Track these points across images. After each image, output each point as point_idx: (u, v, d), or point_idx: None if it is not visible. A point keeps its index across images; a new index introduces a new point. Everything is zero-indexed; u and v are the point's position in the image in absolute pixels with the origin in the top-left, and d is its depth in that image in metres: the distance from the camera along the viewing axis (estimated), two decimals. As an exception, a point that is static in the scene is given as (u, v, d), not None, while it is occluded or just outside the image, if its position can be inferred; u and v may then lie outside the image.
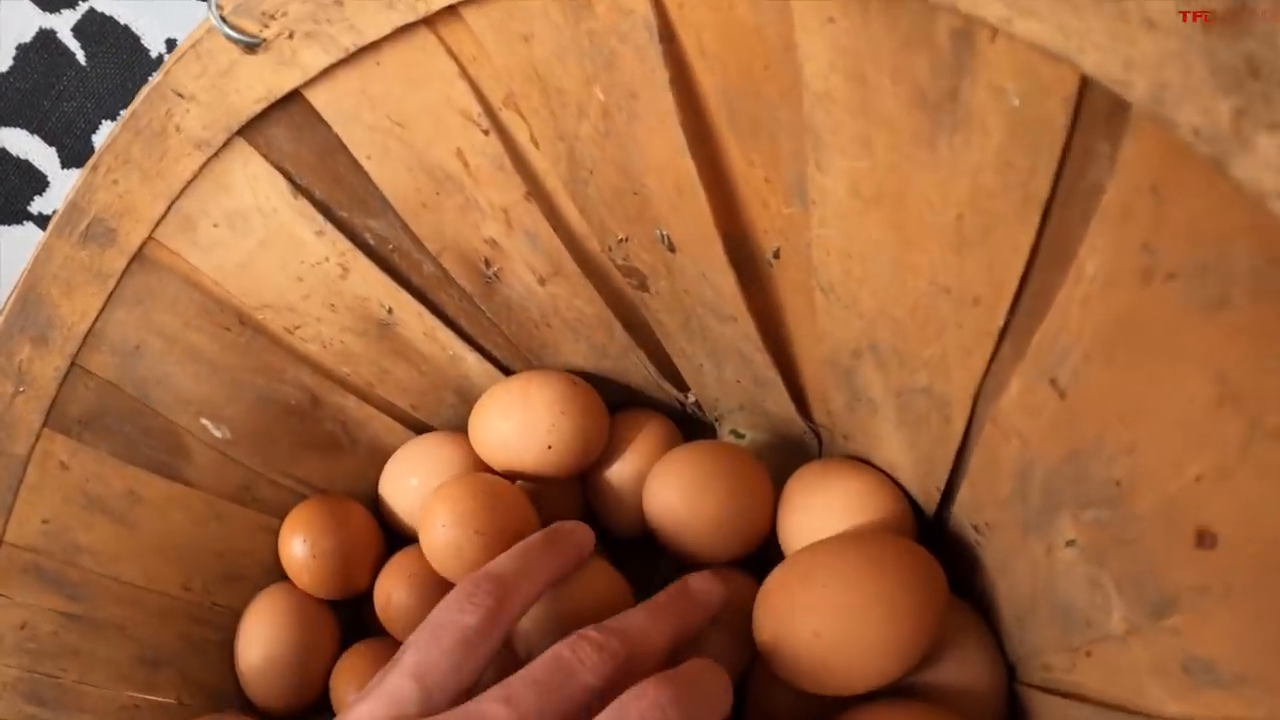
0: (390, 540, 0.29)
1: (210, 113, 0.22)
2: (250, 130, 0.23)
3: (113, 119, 0.30)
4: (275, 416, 0.27)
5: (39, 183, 0.31)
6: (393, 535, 0.29)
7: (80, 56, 0.29)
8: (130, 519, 0.26)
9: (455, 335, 0.27)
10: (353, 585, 0.27)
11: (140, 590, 0.27)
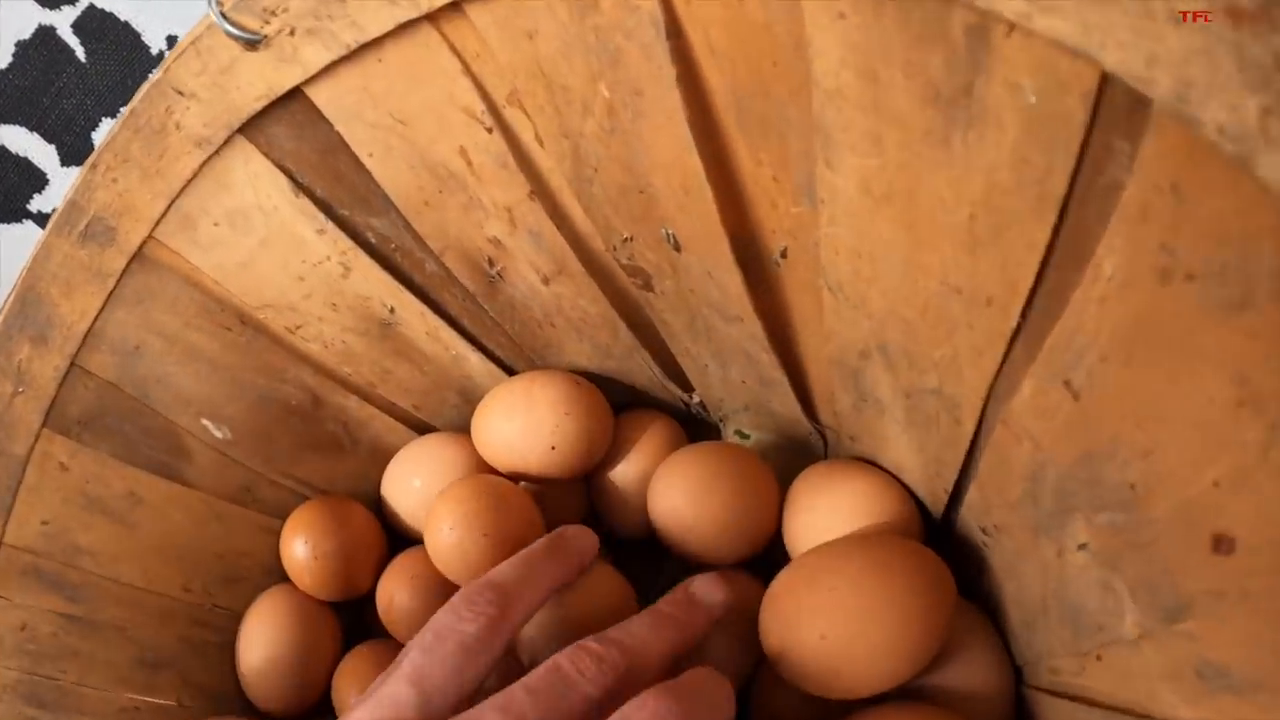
0: (392, 541, 0.29)
1: (211, 110, 0.22)
2: (251, 128, 0.22)
3: (112, 116, 0.30)
4: (276, 417, 0.27)
5: (38, 181, 0.31)
6: (394, 536, 0.29)
7: (80, 53, 0.29)
8: (130, 520, 0.26)
9: (458, 335, 0.27)
10: (354, 587, 0.27)
11: (140, 592, 0.26)
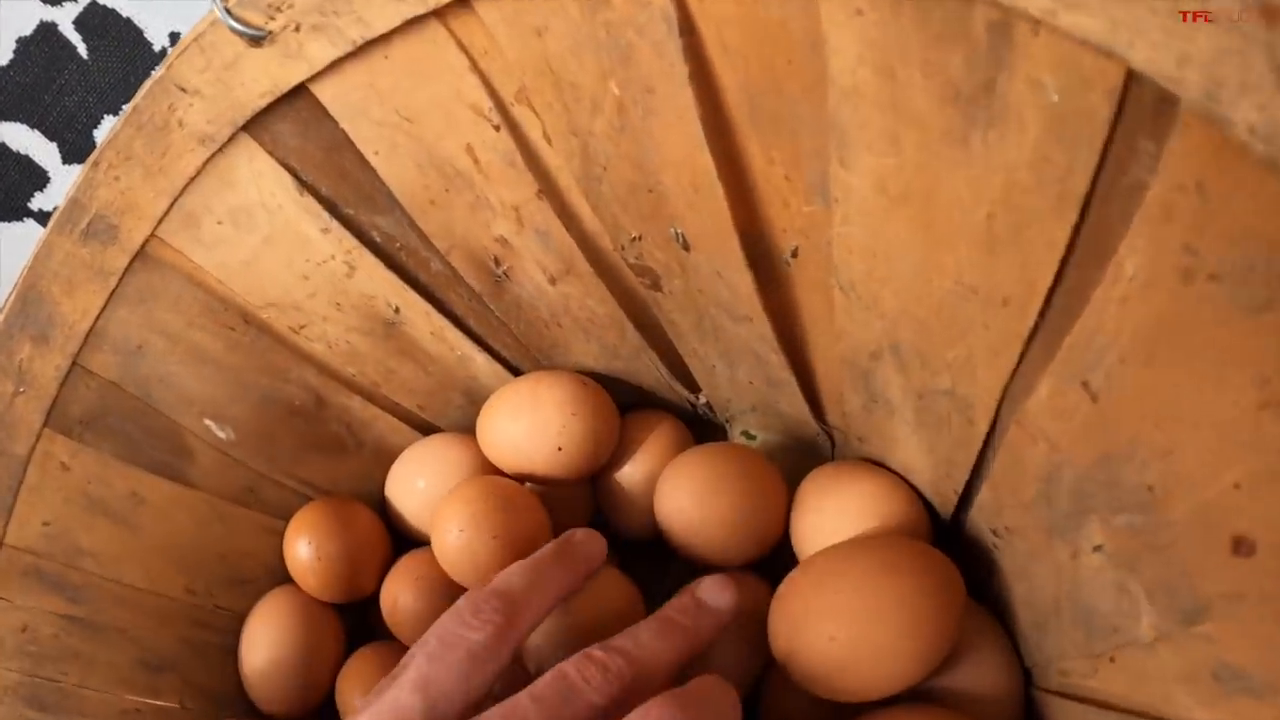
0: (396, 543, 0.28)
1: (214, 107, 0.22)
2: (255, 125, 0.22)
3: (115, 114, 0.30)
4: (279, 417, 0.27)
5: (39, 179, 0.30)
6: (398, 538, 0.28)
7: (82, 50, 0.29)
8: (132, 521, 0.26)
9: (463, 335, 0.26)
10: (359, 588, 0.27)
11: (142, 593, 0.26)
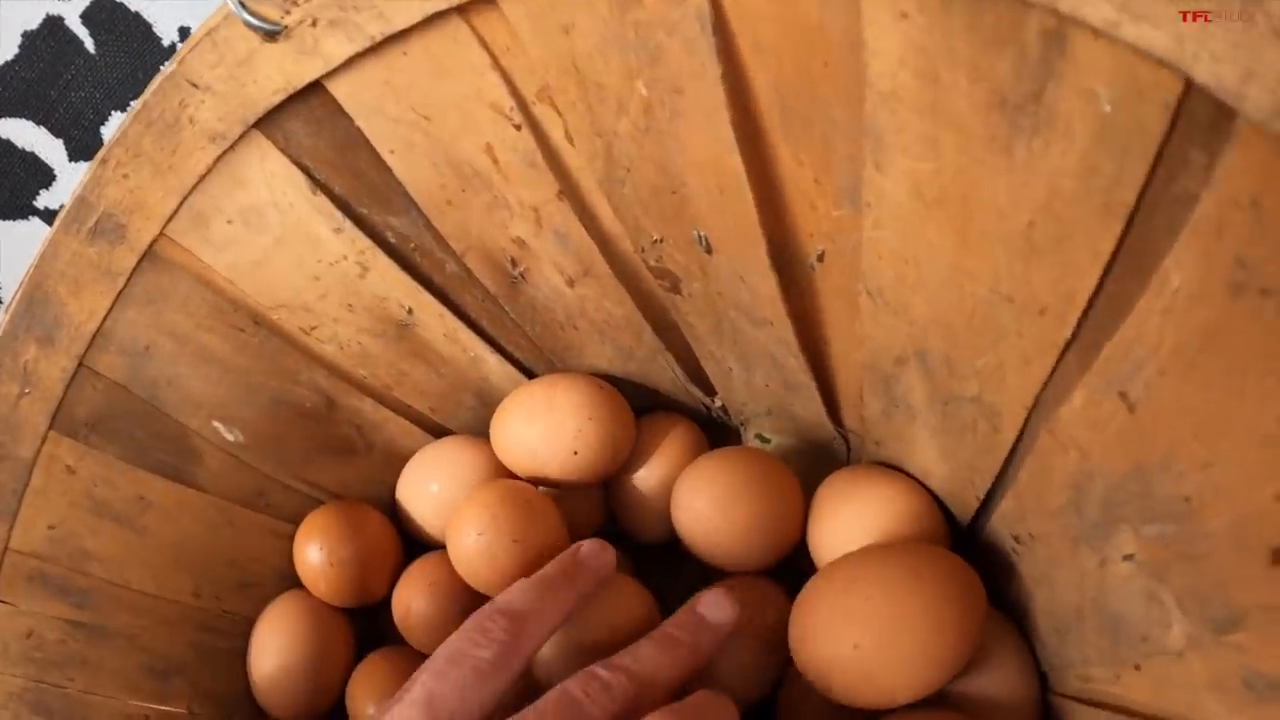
0: (407, 547, 0.28)
1: (226, 104, 0.21)
2: (267, 123, 0.22)
3: (122, 110, 0.29)
4: (289, 419, 0.26)
5: (45, 176, 0.30)
6: (409, 542, 0.28)
7: (89, 45, 0.28)
8: (139, 524, 0.25)
9: (477, 337, 0.26)
10: (370, 593, 0.27)
11: (149, 598, 0.26)
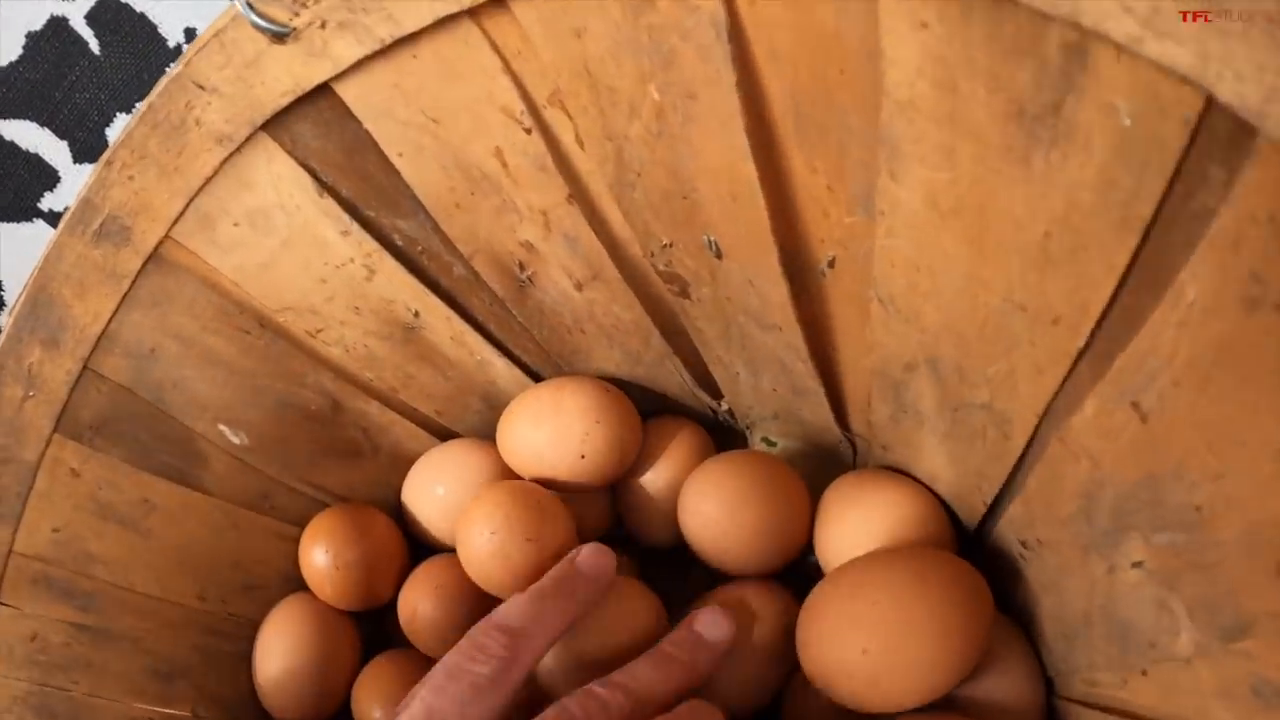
0: (412, 550, 0.28)
1: (233, 106, 0.21)
2: (275, 125, 0.22)
3: (127, 111, 0.29)
4: (295, 422, 0.26)
5: (49, 178, 0.30)
6: (414, 544, 0.28)
7: (94, 45, 0.28)
8: (144, 527, 0.25)
9: (484, 340, 0.26)
10: (376, 596, 0.27)
11: (154, 601, 0.26)
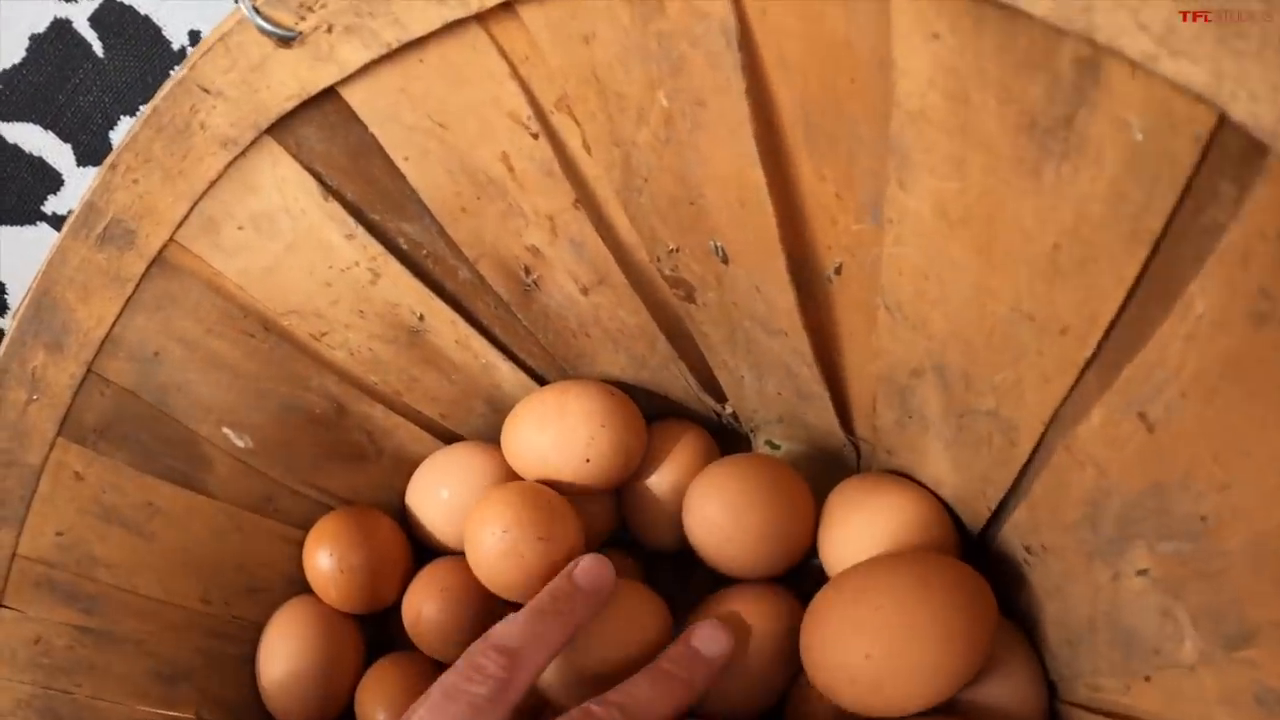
0: (416, 553, 0.28)
1: (238, 110, 0.21)
2: (280, 129, 0.22)
3: (131, 114, 0.29)
4: (299, 425, 0.26)
5: (53, 181, 0.29)
6: (418, 548, 0.28)
7: (97, 48, 0.28)
8: (147, 530, 0.25)
9: (488, 343, 0.26)
10: (380, 599, 0.27)
11: (158, 603, 0.26)
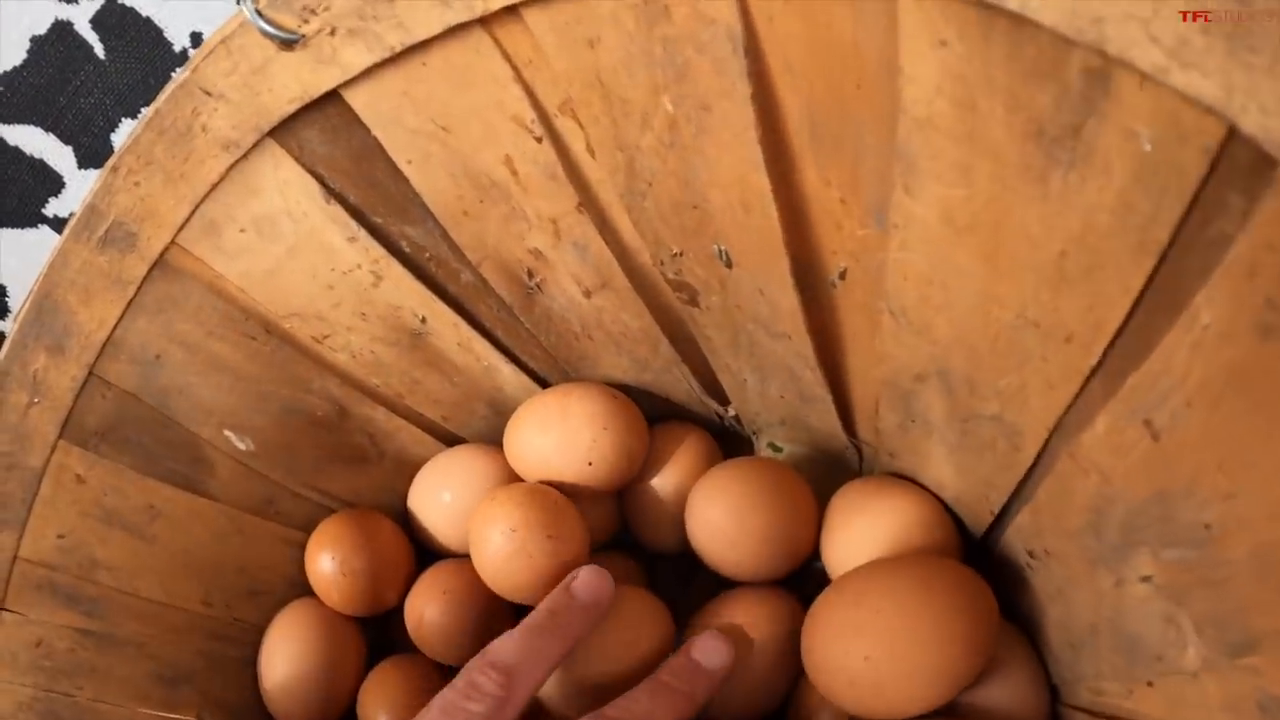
0: (419, 556, 0.28)
1: (240, 112, 0.21)
2: (282, 131, 0.21)
3: (133, 117, 0.29)
4: (301, 428, 0.26)
5: (54, 184, 0.29)
6: (421, 551, 0.28)
7: (99, 50, 0.28)
8: (149, 533, 0.25)
9: (491, 346, 0.26)
10: (382, 602, 0.27)
11: (159, 606, 0.26)
